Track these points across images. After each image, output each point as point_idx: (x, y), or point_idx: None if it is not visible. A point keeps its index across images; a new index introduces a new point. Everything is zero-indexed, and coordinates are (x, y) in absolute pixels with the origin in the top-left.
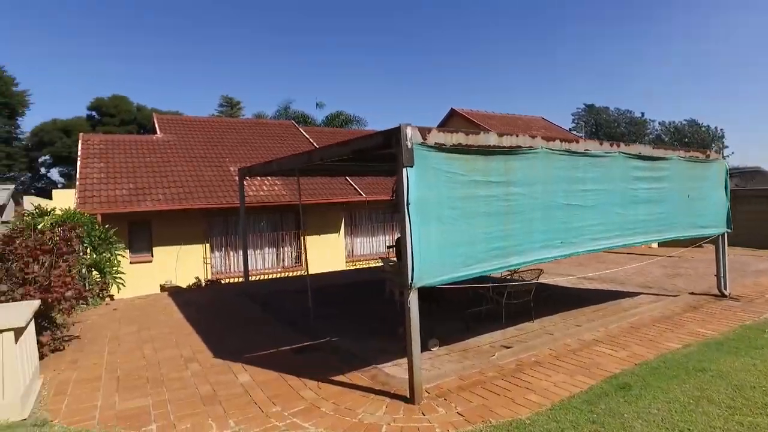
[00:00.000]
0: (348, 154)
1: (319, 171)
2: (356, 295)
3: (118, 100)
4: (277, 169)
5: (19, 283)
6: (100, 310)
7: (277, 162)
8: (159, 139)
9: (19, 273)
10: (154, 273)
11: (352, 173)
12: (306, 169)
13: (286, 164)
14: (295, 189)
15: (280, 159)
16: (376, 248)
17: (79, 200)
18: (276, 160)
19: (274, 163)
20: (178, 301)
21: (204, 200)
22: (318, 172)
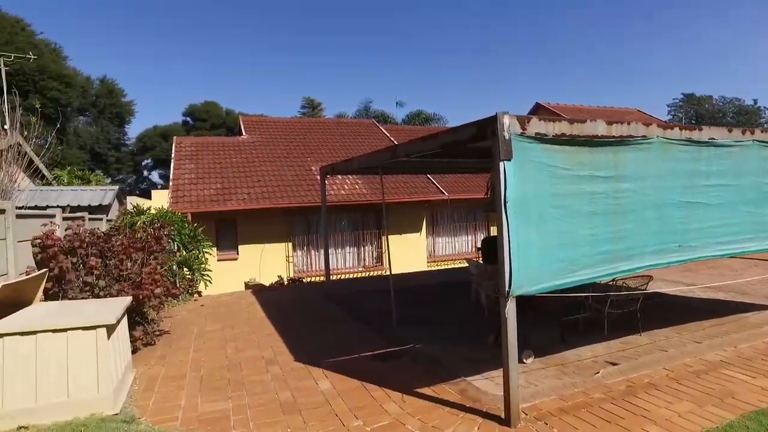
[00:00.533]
0: (436, 148)
1: (401, 168)
2: (440, 297)
3: (209, 106)
4: (358, 166)
5: (115, 279)
6: (188, 305)
7: (359, 159)
8: (244, 140)
9: (115, 270)
10: (239, 271)
11: (436, 170)
12: (389, 166)
13: (368, 161)
14: (377, 188)
15: (362, 156)
16: (458, 248)
17: (171, 200)
18: (358, 157)
19: (355, 161)
20: (261, 299)
21: (286, 199)
22: (400, 169)
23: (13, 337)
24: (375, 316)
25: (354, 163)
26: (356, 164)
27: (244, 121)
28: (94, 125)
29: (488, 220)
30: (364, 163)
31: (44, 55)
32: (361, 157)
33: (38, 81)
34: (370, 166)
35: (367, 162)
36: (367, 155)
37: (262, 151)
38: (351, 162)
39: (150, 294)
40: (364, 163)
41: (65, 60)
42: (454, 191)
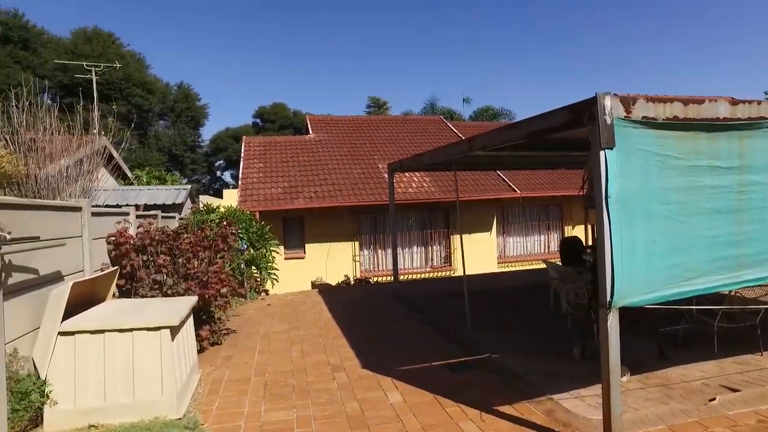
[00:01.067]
0: (521, 138)
1: (474, 165)
2: (516, 301)
3: (277, 108)
4: (429, 161)
5: (183, 278)
6: (256, 304)
7: (430, 154)
8: (311, 138)
9: (182, 268)
10: (305, 269)
11: (512, 166)
12: (461, 162)
13: (440, 156)
14: (445, 185)
15: (434, 151)
16: (530, 249)
17: (240, 198)
18: (429, 152)
19: (426, 156)
20: (328, 299)
21: (353, 198)
22: (473, 165)
23: (84, 335)
24: (447, 321)
25: (425, 158)
26: (427, 159)
27: (311, 120)
28: (172, 128)
29: (562, 220)
30: (435, 158)
31: (129, 64)
32: (433, 151)
33: (124, 89)
34: (442, 162)
35: (440, 157)
36: (439, 149)
37: (328, 150)
38: (421, 157)
39: (216, 293)
40: (436, 158)
41: (147, 68)
42: (526, 189)
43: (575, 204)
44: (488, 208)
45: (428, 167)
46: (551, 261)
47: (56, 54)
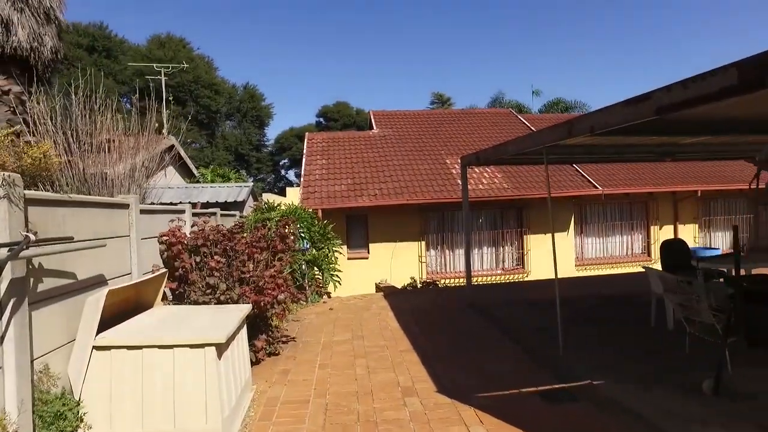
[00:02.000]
0: (648, 115)
1: (565, 156)
2: (607, 314)
3: (340, 107)
4: (515, 152)
5: (237, 282)
6: (317, 308)
7: (517, 143)
8: (375, 134)
9: (236, 271)
10: (369, 270)
11: (611, 156)
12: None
13: (529, 143)
14: (519, 181)
15: (521, 139)
16: (610, 251)
17: (302, 196)
18: (515, 140)
19: (511, 145)
20: (393, 304)
21: (420, 195)
22: (564, 157)
23: (121, 350)
24: (532, 336)
25: (509, 148)
26: (512, 149)
27: (375, 115)
28: (238, 128)
29: (648, 219)
30: (523, 147)
31: (199, 67)
32: (520, 140)
33: (193, 90)
34: (531, 152)
35: (528, 144)
36: (530, 136)
37: (393, 145)
38: (504, 147)
39: (273, 300)
40: (524, 146)
41: (215, 71)
42: (608, 184)
43: (664, 201)
44: (565, 206)
45: (512, 159)
46: (651, 267)
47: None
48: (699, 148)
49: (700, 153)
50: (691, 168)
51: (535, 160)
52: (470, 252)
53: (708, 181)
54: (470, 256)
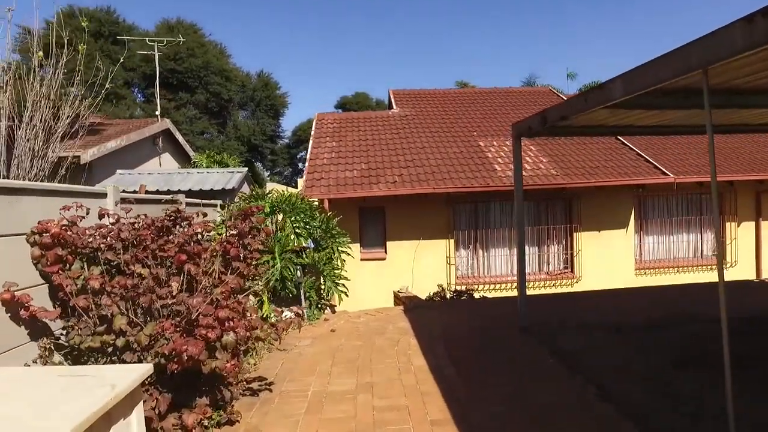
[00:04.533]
0: None
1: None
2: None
3: (359, 97)
4: (624, 92)
5: (147, 313)
6: (315, 328)
7: (626, 79)
8: (395, 114)
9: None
10: (387, 273)
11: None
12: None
13: (657, 73)
14: (569, 166)
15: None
16: (674, 252)
17: (306, 183)
18: (623, 75)
19: (618, 84)
20: (417, 324)
21: (449, 182)
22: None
23: None
24: (628, 385)
25: (615, 89)
26: (620, 90)
27: (395, 94)
28: (252, 118)
29: (722, 213)
30: (634, 84)
31: (209, 52)
32: (633, 73)
33: (203, 77)
34: (655, 90)
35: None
36: (658, 59)
37: (416, 126)
38: (600, 91)
39: (215, 340)
40: (638, 82)
41: (228, 57)
42: (679, 171)
43: (743, 192)
44: (624, 197)
45: (606, 122)
46: None
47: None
48: None
49: None
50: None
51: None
52: (524, 253)
53: None
54: (524, 259)
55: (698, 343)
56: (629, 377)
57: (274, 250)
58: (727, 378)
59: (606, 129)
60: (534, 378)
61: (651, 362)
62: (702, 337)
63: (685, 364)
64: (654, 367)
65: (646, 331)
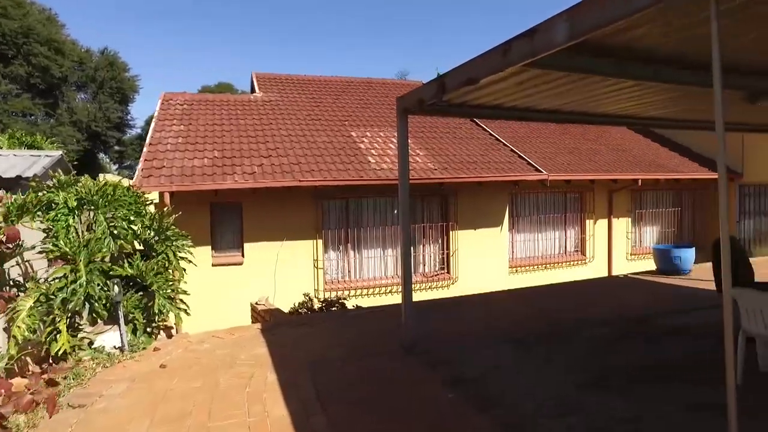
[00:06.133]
0: None
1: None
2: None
3: (222, 88)
4: (568, 35)
5: None
6: (137, 365)
7: (577, 14)
8: (257, 98)
9: None
10: (244, 281)
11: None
12: None
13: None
14: (447, 161)
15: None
16: (542, 250)
17: (143, 172)
18: (562, 13)
19: (547, 30)
20: (279, 353)
21: (317, 174)
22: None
23: None
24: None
25: (544, 35)
26: (563, 31)
27: (258, 77)
28: (93, 101)
29: (583, 212)
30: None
31: (30, 15)
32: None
33: (22, 45)
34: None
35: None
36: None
37: (281, 113)
38: (536, 35)
39: None
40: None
41: (60, 27)
42: (551, 169)
43: (600, 192)
44: (500, 194)
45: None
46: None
47: None
48: None
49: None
50: (627, 156)
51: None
52: (410, 254)
53: (648, 169)
54: (410, 261)
55: (607, 354)
56: (549, 409)
57: (78, 259)
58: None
59: (503, 111)
60: (434, 427)
61: (564, 383)
62: (609, 341)
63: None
64: (567, 389)
65: (547, 342)
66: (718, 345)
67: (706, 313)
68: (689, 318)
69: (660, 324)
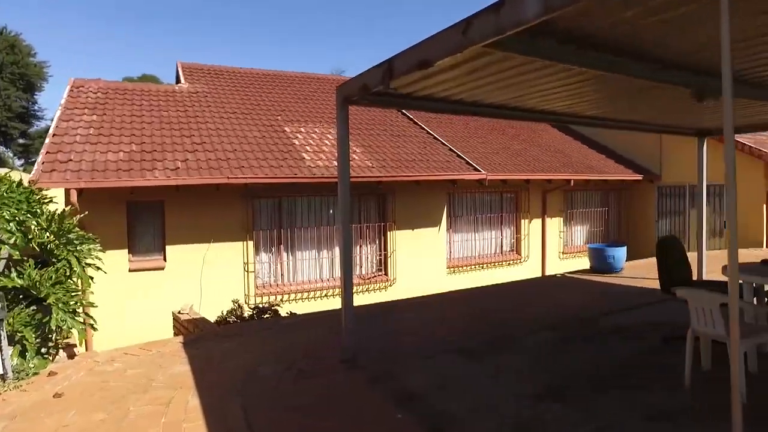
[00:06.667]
0: None
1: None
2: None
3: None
4: (543, 8)
5: None
6: (25, 395)
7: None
8: (183, 89)
9: None
10: (166, 288)
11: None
12: None
13: None
14: (385, 159)
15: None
16: (479, 250)
17: (44, 167)
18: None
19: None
20: (203, 372)
21: (247, 170)
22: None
23: None
24: None
25: (512, 8)
26: (534, 4)
27: (185, 67)
28: None
29: (518, 212)
30: None
31: None
32: None
33: None
34: None
35: None
36: None
37: (209, 105)
38: (503, 9)
39: None
40: None
41: None
42: (489, 169)
43: (534, 192)
44: (438, 193)
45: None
46: (697, 290)
47: None
48: None
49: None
50: (559, 157)
51: None
52: (351, 257)
53: (579, 170)
54: (351, 264)
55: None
56: (509, 429)
57: None
58: None
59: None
60: None
61: (519, 397)
62: (557, 345)
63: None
64: (523, 404)
65: (494, 349)
66: (661, 344)
67: (642, 312)
68: (630, 317)
69: (604, 325)
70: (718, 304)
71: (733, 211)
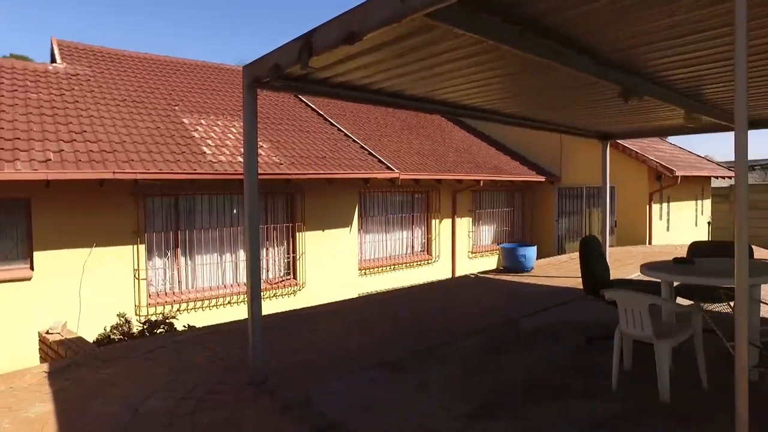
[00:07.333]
0: None
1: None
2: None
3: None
4: None
5: None
6: None
7: None
8: (60, 70)
9: None
10: (32, 303)
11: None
12: None
13: None
14: (295, 155)
15: None
16: (392, 249)
17: None
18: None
19: None
20: (69, 413)
21: (137, 164)
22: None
23: None
24: None
25: None
26: None
27: (62, 45)
28: None
29: (429, 211)
30: None
31: None
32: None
33: None
34: None
35: None
36: None
37: (92, 90)
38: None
39: None
40: None
41: None
42: (402, 168)
43: (445, 192)
44: (350, 193)
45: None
46: (632, 288)
47: None
48: None
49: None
50: (469, 157)
51: None
52: (258, 262)
53: (488, 171)
54: (258, 270)
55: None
56: None
57: None
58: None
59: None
60: None
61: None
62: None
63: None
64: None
65: (417, 362)
66: (586, 345)
67: (560, 311)
68: (549, 317)
69: (526, 327)
70: (647, 305)
71: (744, 213)
